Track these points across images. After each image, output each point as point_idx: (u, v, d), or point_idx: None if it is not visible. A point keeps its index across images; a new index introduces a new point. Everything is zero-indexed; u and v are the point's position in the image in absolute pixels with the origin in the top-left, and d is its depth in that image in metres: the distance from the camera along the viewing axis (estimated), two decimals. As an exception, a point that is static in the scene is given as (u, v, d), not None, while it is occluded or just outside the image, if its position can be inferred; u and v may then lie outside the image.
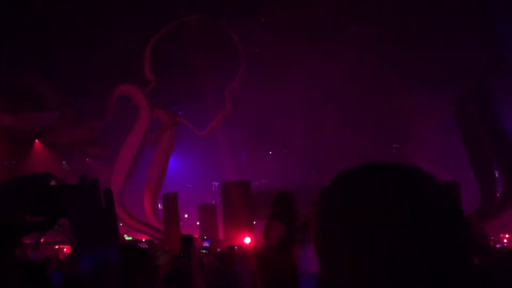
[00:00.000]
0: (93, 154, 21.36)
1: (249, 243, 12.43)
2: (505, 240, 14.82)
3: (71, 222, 1.06)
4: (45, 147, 20.74)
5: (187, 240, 3.29)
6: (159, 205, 19.39)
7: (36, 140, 20.69)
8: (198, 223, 18.37)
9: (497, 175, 17.76)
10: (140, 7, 18.09)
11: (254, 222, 15.26)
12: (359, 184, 0.75)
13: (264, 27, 19.13)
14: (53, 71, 18.51)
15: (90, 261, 1.00)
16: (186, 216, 22.26)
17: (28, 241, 7.66)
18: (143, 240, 13.47)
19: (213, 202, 19.15)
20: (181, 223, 18.23)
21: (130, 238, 17.01)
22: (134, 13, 17.95)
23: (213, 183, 23.40)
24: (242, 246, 11.15)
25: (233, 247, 9.67)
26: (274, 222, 4.80)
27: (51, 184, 1.12)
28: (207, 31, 18.84)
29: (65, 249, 14.40)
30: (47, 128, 19.69)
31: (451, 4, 17.22)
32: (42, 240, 8.64)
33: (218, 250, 9.87)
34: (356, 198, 0.72)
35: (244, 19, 18.53)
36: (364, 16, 17.45)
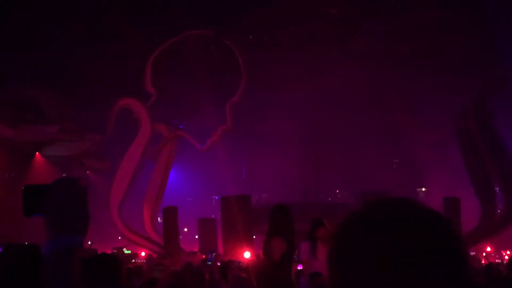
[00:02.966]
0: (93, 167, 21.35)
1: (249, 257, 12.37)
2: (506, 257, 14.73)
3: (44, 215, 1.17)
4: (45, 160, 20.74)
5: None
6: (159, 219, 19.33)
7: (37, 153, 20.70)
8: (197, 237, 18.30)
9: (497, 192, 17.73)
10: (142, 20, 18.25)
11: (254, 237, 15.20)
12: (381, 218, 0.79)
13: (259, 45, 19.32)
14: (53, 84, 18.59)
15: (52, 245, 1.11)
16: (185, 230, 22.17)
17: None
18: (143, 254, 13.43)
19: (213, 216, 19.09)
20: (180, 237, 18.16)
21: (129, 251, 16.93)
22: (136, 26, 18.10)
23: (213, 197, 23.34)
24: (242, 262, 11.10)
25: (232, 261, 9.63)
26: (275, 239, 4.76)
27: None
28: (209, 46, 18.98)
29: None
30: (47, 141, 19.72)
31: (450, 21, 17.37)
32: None
33: (218, 264, 9.81)
34: (380, 230, 0.78)
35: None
36: (361, 34, 17.59)
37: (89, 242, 19.17)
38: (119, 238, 19.06)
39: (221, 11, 18.06)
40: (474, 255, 13.02)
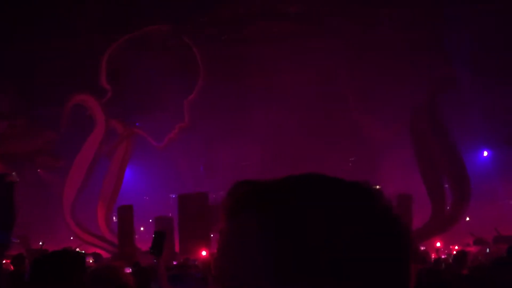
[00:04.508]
0: (45, 165, 20.69)
1: (206, 255, 12.33)
2: (454, 252, 15.32)
3: None
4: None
5: (160, 236, 3.21)
6: (114, 218, 18.95)
7: (-16, 150, 19.87)
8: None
9: (447, 189, 18.39)
10: (99, 15, 17.82)
11: (212, 235, 15.14)
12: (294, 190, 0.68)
13: (224, 42, 19.24)
14: (4, 78, 17.89)
15: None
16: (142, 229, 21.83)
17: None
18: (90, 253, 13.13)
19: (170, 214, 18.87)
20: (136, 236, 17.86)
21: (83, 252, 16.51)
22: (92, 21, 17.65)
23: (170, 195, 23.09)
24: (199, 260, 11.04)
25: (188, 259, 9.57)
26: None
27: None
28: (166, 42, 18.75)
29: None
30: (-4, 137, 18.97)
31: (401, 22, 17.84)
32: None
33: (174, 263, 9.72)
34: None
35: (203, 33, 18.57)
36: (318, 32, 17.81)
37: (40, 243, 18.60)
38: (71, 238, 18.56)
39: (183, 7, 17.86)
40: (424, 249, 13.44)
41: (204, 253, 12.89)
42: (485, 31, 17.35)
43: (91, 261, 9.70)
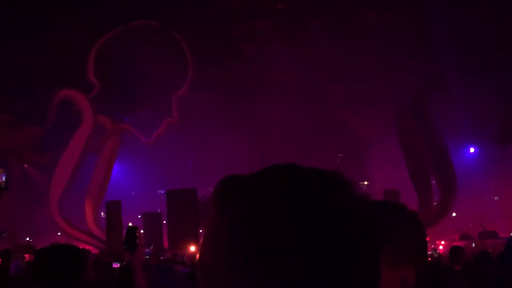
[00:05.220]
0: (32, 161, 20.49)
1: (194, 251, 12.32)
2: (440, 247, 15.49)
3: None
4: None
5: (132, 231, 3.20)
6: (102, 214, 18.85)
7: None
8: (142, 231, 17.98)
9: (433, 185, 18.56)
10: (86, 8, 17.64)
11: (200, 231, 15.14)
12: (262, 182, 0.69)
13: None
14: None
15: None
16: (130, 224, 21.74)
17: None
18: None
19: (159, 210, 18.83)
20: (124, 231, 17.79)
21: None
22: (79, 15, 17.48)
23: (159, 191, 23.02)
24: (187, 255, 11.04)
25: (176, 254, 9.56)
26: None
27: None
28: (155, 37, 18.64)
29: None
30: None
31: (389, 22, 17.91)
32: None
33: (161, 258, 9.71)
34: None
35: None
36: (307, 30, 17.81)
37: (27, 238, 18.46)
38: (59, 234, 18.43)
39: (171, 4, 17.76)
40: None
41: (192, 248, 12.89)
42: (472, 30, 17.49)
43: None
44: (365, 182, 22.29)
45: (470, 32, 17.50)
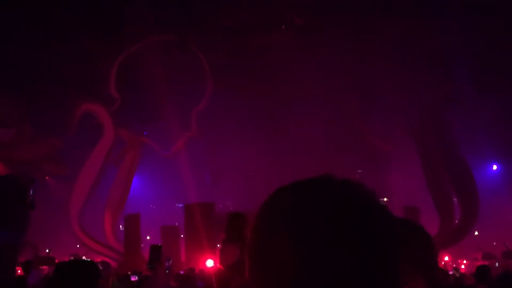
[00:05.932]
0: (52, 172, 20.77)
1: (212, 266, 12.25)
2: (462, 266, 15.16)
3: None
4: (1, 164, 20.02)
5: (157, 250, 3.22)
6: (121, 227, 18.96)
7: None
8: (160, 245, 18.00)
9: (456, 203, 18.23)
10: (107, 24, 17.95)
11: (218, 245, 15.08)
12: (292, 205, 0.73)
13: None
14: (10, 84, 17.99)
15: None
16: (148, 238, 21.82)
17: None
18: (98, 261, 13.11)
19: (177, 224, 18.86)
20: (142, 245, 17.85)
21: (89, 260, 16.52)
22: (101, 29, 17.79)
23: (177, 204, 23.09)
24: (204, 270, 10.99)
25: (193, 269, 9.53)
26: (229, 246, 4.76)
27: None
28: (175, 52, 18.86)
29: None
30: (3, 144, 19.06)
31: (410, 35, 17.80)
32: None
33: (181, 272, 9.70)
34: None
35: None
36: (324, 43, 17.80)
37: (47, 250, 18.63)
38: (78, 246, 18.57)
39: (187, 16, 17.93)
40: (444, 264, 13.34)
41: (210, 262, 12.83)
42: (487, 43, 17.24)
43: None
44: (385, 199, 22.05)
45: (488, 48, 17.25)
